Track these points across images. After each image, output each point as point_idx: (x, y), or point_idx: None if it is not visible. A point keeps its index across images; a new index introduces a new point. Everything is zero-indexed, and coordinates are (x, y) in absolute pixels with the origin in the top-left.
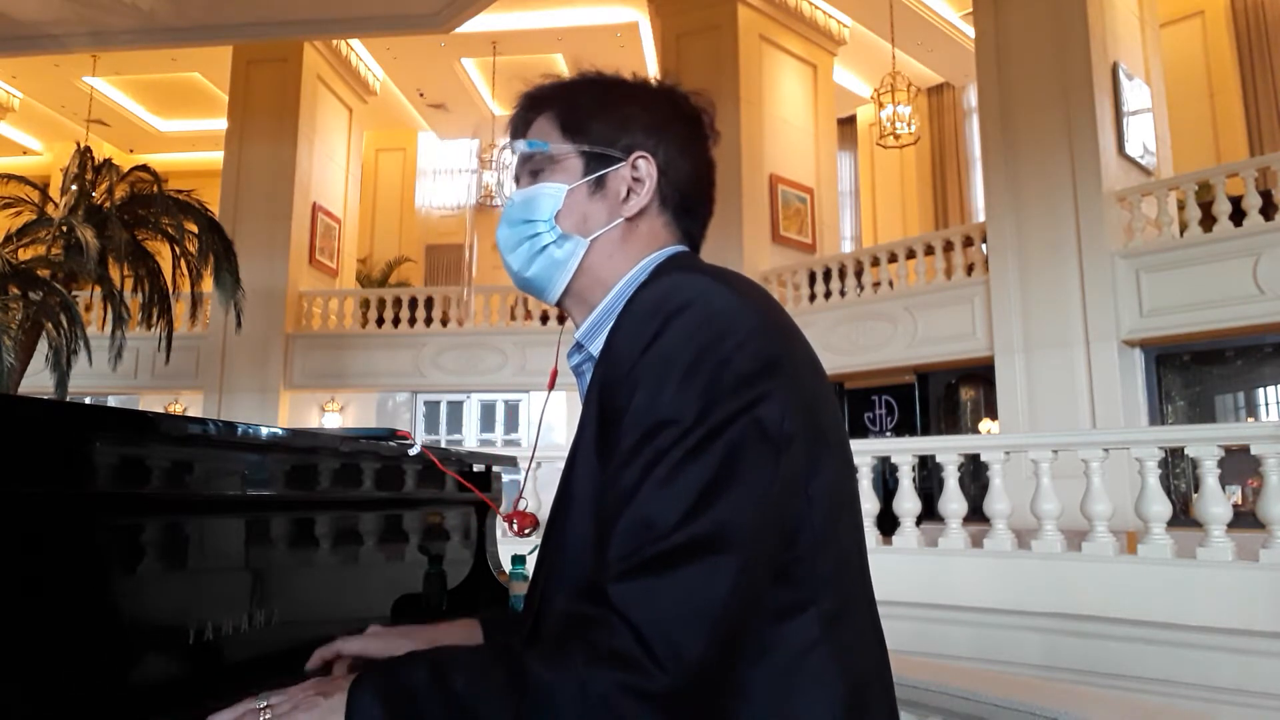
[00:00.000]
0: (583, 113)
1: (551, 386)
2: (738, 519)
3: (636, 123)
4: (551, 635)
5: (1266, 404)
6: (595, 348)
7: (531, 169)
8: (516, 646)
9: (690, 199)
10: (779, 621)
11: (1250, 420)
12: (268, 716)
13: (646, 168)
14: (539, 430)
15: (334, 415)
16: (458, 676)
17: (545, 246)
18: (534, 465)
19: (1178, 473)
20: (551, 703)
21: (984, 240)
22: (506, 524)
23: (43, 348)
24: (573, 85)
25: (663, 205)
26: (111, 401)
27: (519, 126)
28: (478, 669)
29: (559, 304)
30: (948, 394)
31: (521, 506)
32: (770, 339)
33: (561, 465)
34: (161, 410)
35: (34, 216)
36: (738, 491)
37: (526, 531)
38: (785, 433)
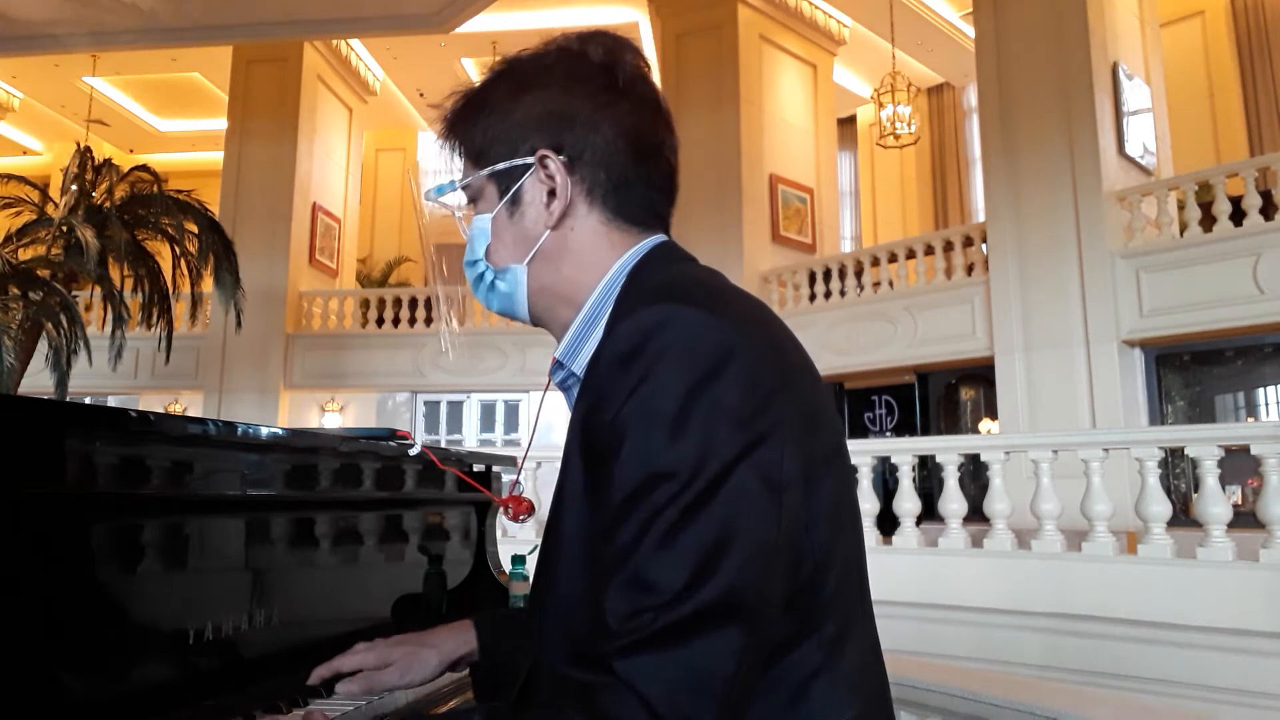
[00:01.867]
0: (480, 131)
1: (545, 392)
2: (744, 580)
3: (531, 117)
4: (548, 702)
5: (1266, 404)
6: (578, 365)
7: (470, 199)
8: (510, 713)
9: (622, 170)
10: (782, 653)
11: (1250, 420)
12: None
13: (553, 165)
14: (533, 432)
15: (334, 415)
16: None
17: (492, 283)
18: (535, 467)
19: (1178, 473)
20: None
21: (984, 240)
22: (502, 508)
23: (43, 348)
24: (471, 100)
25: (590, 196)
26: (111, 401)
27: (445, 160)
28: None
29: (535, 324)
30: (948, 394)
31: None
32: (765, 369)
33: (560, 465)
34: (161, 410)
35: (34, 216)
36: (741, 548)
37: (522, 518)
38: (786, 475)
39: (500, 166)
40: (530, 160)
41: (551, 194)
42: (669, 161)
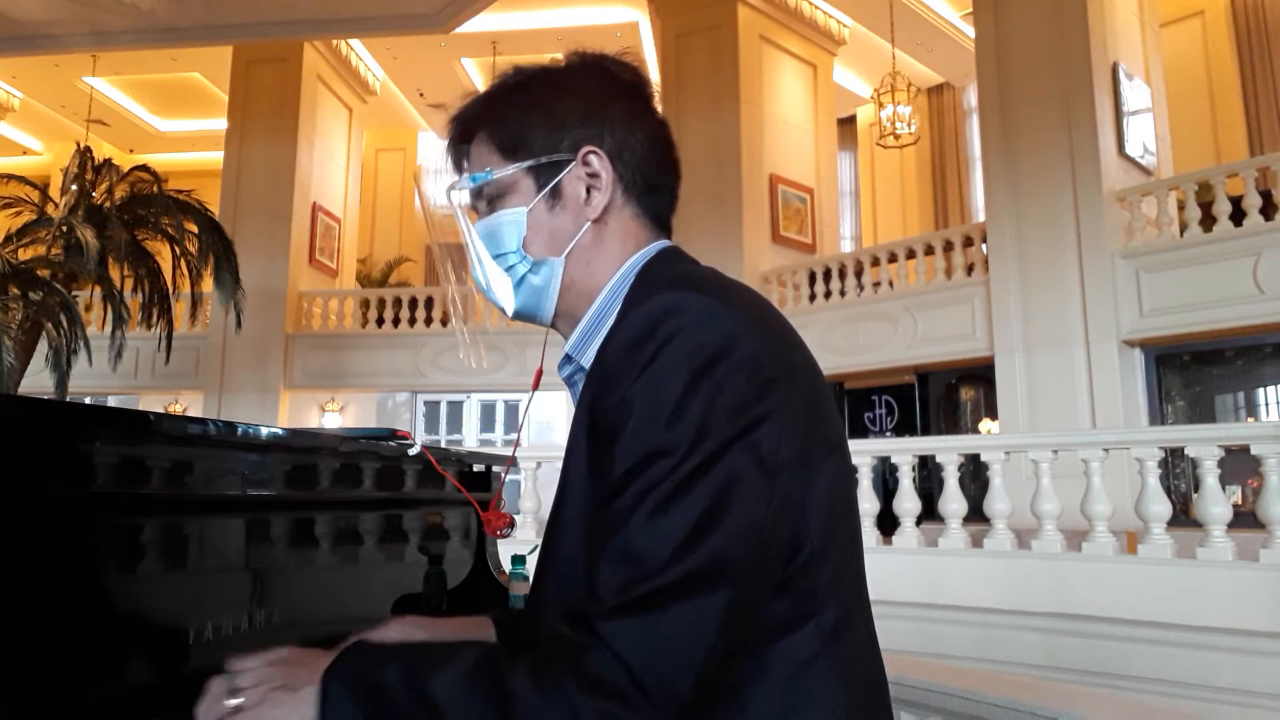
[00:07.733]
0: (516, 125)
1: (536, 386)
2: (730, 552)
3: (574, 115)
4: (541, 656)
5: (1266, 404)
6: (585, 359)
7: (487, 197)
8: (504, 659)
9: (652, 175)
10: (778, 637)
11: (1250, 420)
12: (237, 702)
13: (599, 162)
14: (521, 430)
15: (334, 415)
16: (439, 684)
17: (523, 277)
18: (535, 467)
19: (1178, 473)
20: None
21: (984, 240)
22: (485, 524)
23: (43, 348)
24: (497, 97)
25: (626, 194)
26: (111, 401)
27: (458, 159)
28: (461, 679)
29: (553, 325)
30: (948, 394)
31: (511, 506)
32: (768, 357)
33: (560, 464)
34: (161, 410)
35: (34, 216)
36: (730, 523)
37: (503, 531)
38: (781, 458)
39: (545, 159)
40: (571, 156)
41: (589, 190)
42: (679, 175)
